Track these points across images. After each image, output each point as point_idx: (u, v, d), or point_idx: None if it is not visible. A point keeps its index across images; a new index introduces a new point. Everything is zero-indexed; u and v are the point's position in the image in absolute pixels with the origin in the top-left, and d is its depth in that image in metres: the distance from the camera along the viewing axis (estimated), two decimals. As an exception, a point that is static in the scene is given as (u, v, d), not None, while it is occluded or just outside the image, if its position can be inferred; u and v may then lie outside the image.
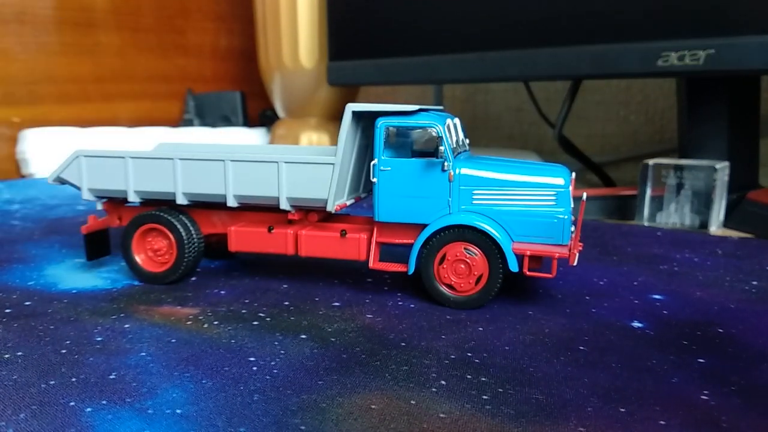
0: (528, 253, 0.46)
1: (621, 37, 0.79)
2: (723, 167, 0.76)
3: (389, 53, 1.06)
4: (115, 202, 0.57)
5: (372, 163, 0.48)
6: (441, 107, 0.54)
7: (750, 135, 0.87)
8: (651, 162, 0.80)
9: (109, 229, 0.59)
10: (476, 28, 0.94)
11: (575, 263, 0.46)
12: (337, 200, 0.50)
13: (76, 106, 1.43)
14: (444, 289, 0.48)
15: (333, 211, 0.50)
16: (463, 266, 0.47)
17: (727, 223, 0.78)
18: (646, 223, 0.80)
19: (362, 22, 1.10)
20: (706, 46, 0.71)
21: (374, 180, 0.49)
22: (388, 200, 0.49)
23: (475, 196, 0.48)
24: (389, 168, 0.48)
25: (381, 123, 0.48)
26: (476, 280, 0.47)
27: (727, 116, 0.84)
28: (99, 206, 0.57)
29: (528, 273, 0.46)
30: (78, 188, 0.55)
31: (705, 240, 0.68)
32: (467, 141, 0.54)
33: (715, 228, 0.76)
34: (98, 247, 0.58)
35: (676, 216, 0.78)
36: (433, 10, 0.99)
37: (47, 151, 1.29)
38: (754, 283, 0.53)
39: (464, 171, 0.48)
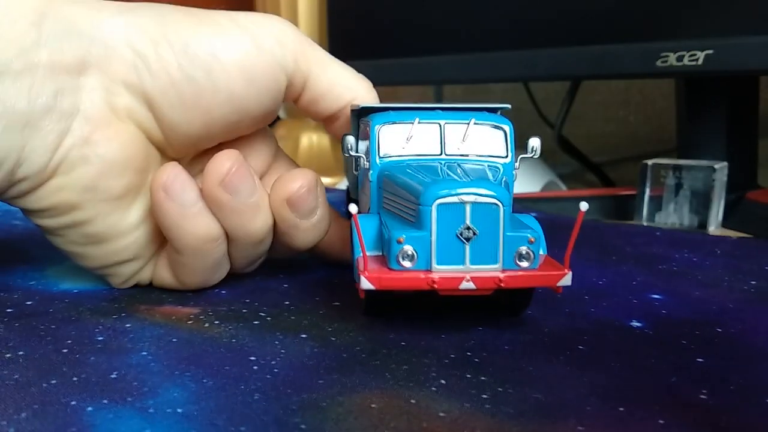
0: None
1: (620, 38, 0.79)
2: (722, 167, 0.76)
3: (389, 53, 1.06)
4: None
5: None
6: (503, 105, 0.49)
7: (749, 135, 0.87)
8: (650, 162, 0.80)
9: None
10: (476, 29, 0.94)
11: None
12: None
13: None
14: None
15: None
16: None
17: (726, 223, 0.78)
18: (645, 223, 0.80)
19: (362, 22, 1.11)
20: (705, 47, 0.71)
21: None
22: None
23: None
24: None
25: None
26: None
27: (725, 116, 0.84)
28: None
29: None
30: None
31: (704, 240, 0.69)
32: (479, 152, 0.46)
33: (714, 228, 0.76)
34: None
35: (675, 216, 0.78)
36: (433, 11, 0.99)
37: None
38: (753, 282, 0.53)
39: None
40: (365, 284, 0.38)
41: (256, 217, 0.47)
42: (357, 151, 0.47)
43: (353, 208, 0.38)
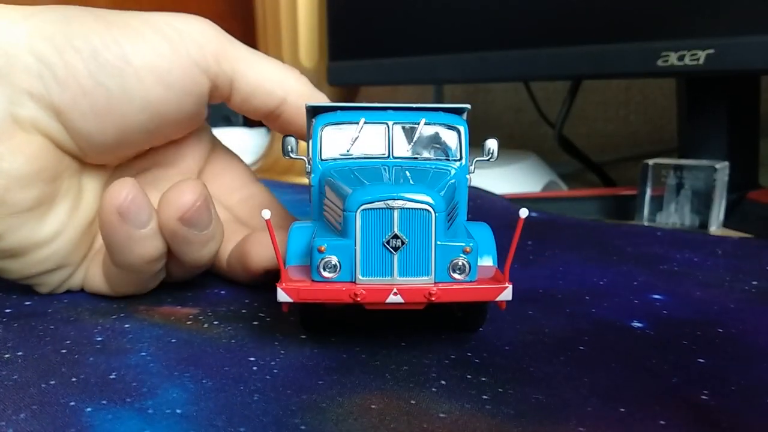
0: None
1: (621, 37, 0.79)
2: (723, 167, 0.76)
3: (389, 53, 1.06)
4: None
5: None
6: (463, 105, 0.45)
7: (750, 135, 0.87)
8: (651, 162, 0.80)
9: None
10: (476, 28, 0.94)
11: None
12: None
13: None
14: None
15: None
16: None
17: (727, 223, 0.78)
18: (645, 223, 0.80)
19: (362, 22, 1.10)
20: (706, 46, 0.71)
21: None
22: None
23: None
24: None
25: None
26: None
27: (726, 116, 0.84)
28: None
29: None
30: None
31: (705, 240, 0.69)
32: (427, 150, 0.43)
33: (715, 228, 0.76)
34: None
35: (675, 216, 0.78)
36: (434, 10, 0.99)
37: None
38: (754, 282, 0.53)
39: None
40: (282, 297, 0.35)
41: (206, 246, 0.45)
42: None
43: (266, 213, 0.35)
